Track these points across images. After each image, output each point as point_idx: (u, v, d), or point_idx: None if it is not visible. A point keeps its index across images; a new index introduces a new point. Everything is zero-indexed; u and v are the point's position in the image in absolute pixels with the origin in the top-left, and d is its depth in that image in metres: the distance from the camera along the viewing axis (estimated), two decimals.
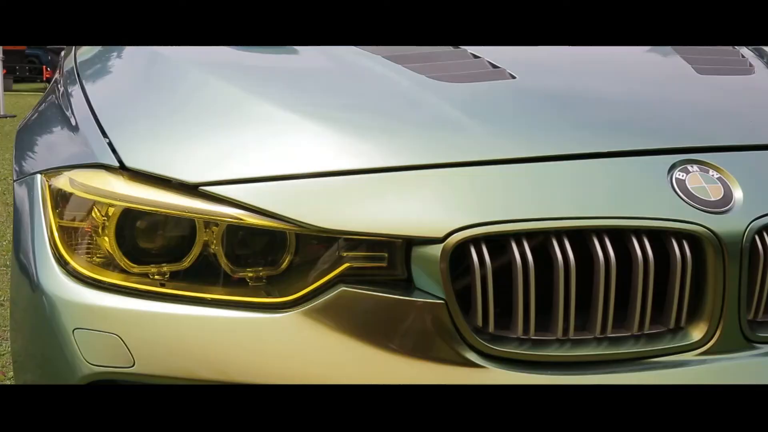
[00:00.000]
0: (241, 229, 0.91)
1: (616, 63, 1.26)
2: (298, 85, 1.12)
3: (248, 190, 0.89)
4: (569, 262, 0.85)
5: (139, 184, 0.93)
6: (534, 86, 1.08)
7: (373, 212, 0.87)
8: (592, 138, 0.95)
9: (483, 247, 0.85)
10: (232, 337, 0.88)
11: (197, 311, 0.89)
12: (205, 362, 0.88)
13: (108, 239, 0.93)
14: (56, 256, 0.96)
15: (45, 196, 1.02)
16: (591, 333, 0.89)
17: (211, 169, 0.92)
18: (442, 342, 0.86)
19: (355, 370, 0.87)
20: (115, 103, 1.16)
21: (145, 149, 0.98)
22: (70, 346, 0.91)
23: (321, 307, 0.87)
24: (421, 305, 0.86)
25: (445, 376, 0.86)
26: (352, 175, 0.90)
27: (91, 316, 0.90)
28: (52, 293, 0.93)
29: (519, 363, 0.87)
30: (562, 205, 0.87)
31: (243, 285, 0.92)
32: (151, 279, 0.93)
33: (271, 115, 1.00)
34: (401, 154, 0.92)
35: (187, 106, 1.08)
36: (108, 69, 1.36)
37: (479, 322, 0.87)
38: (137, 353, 0.88)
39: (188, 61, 1.22)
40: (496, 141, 0.93)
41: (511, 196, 0.88)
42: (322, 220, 0.87)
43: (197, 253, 0.92)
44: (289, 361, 0.87)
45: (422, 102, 1.02)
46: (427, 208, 0.87)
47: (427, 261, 0.86)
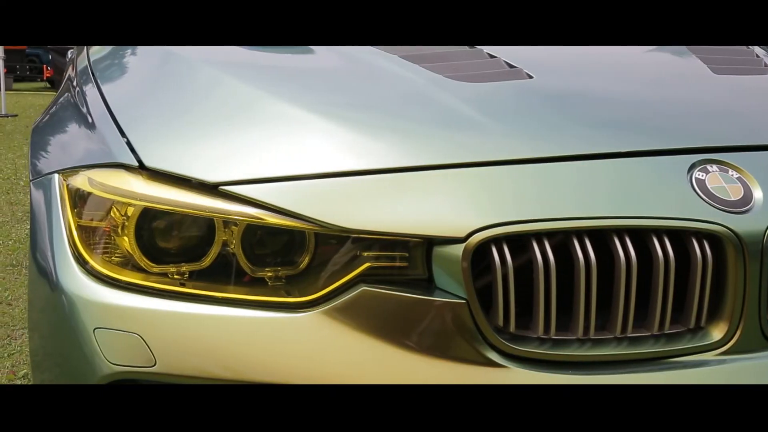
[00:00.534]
0: (260, 228, 0.91)
1: (633, 63, 1.26)
2: (316, 85, 1.12)
3: (268, 190, 0.89)
4: (590, 261, 0.85)
5: (158, 184, 0.93)
6: (552, 86, 1.08)
7: (394, 212, 0.87)
8: (611, 138, 0.95)
9: (504, 247, 0.85)
10: (253, 337, 0.88)
11: (218, 311, 0.89)
12: (226, 362, 0.88)
13: (128, 239, 0.93)
14: (75, 256, 0.96)
15: (63, 196, 1.01)
16: (611, 333, 0.89)
17: (230, 168, 0.92)
18: (463, 342, 0.86)
19: (376, 369, 0.87)
20: (131, 102, 1.16)
21: (164, 149, 0.98)
22: (90, 345, 0.90)
23: (342, 306, 0.87)
24: (443, 305, 0.85)
25: (467, 376, 0.86)
26: (373, 174, 0.90)
27: (112, 316, 0.90)
28: (72, 293, 0.93)
29: (540, 363, 0.87)
30: (583, 205, 0.87)
31: (262, 285, 0.92)
32: (170, 278, 0.93)
33: (289, 115, 1.00)
34: (421, 154, 0.92)
35: (204, 106, 1.08)
36: (123, 68, 1.36)
37: (500, 321, 0.87)
38: (158, 353, 0.88)
39: (203, 61, 1.22)
40: (517, 141, 0.93)
41: (531, 196, 0.88)
42: (343, 219, 0.87)
43: (216, 252, 0.92)
44: (310, 361, 0.87)
45: (441, 102, 1.02)
46: (448, 207, 0.87)
47: (448, 260, 0.86)
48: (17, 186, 4.35)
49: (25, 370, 1.87)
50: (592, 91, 1.08)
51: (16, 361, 1.92)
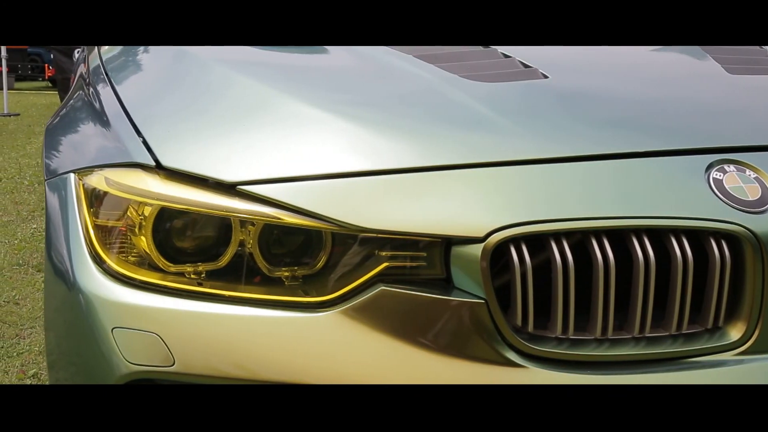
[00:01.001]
0: (277, 228, 0.91)
1: (647, 63, 1.26)
2: (332, 84, 1.12)
3: (287, 190, 0.89)
4: (609, 261, 0.85)
5: (175, 183, 0.93)
6: (567, 86, 1.08)
7: (412, 212, 0.87)
8: (628, 138, 0.95)
9: (523, 247, 0.85)
10: (272, 337, 0.88)
11: (236, 310, 0.89)
12: (244, 361, 0.88)
13: (145, 238, 0.93)
14: (92, 255, 0.96)
15: (79, 195, 1.02)
16: (629, 333, 0.89)
17: (248, 168, 0.92)
18: (482, 341, 0.86)
19: (394, 369, 0.87)
20: (146, 101, 1.16)
21: (180, 148, 0.98)
22: (108, 345, 0.90)
23: (360, 306, 0.87)
24: (462, 305, 0.86)
25: (486, 376, 0.86)
26: (391, 174, 0.90)
27: (131, 315, 0.90)
28: (89, 292, 0.93)
29: (558, 362, 0.87)
30: (601, 205, 0.87)
31: (279, 284, 0.92)
32: (187, 278, 0.93)
33: (306, 115, 1.00)
34: (439, 154, 0.92)
35: (219, 105, 1.08)
36: (136, 67, 1.36)
37: (518, 321, 0.87)
38: (177, 352, 0.88)
39: (217, 60, 1.22)
40: (534, 141, 0.93)
41: (549, 196, 0.88)
42: (361, 219, 0.87)
43: (233, 252, 0.92)
44: (328, 361, 0.87)
45: (457, 102, 1.02)
46: (466, 207, 0.87)
47: (466, 260, 0.86)
48: (21, 185, 4.36)
49: (35, 369, 1.87)
50: (608, 91, 1.08)
51: (26, 360, 1.93)
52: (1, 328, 2.14)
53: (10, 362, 1.91)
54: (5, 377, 1.83)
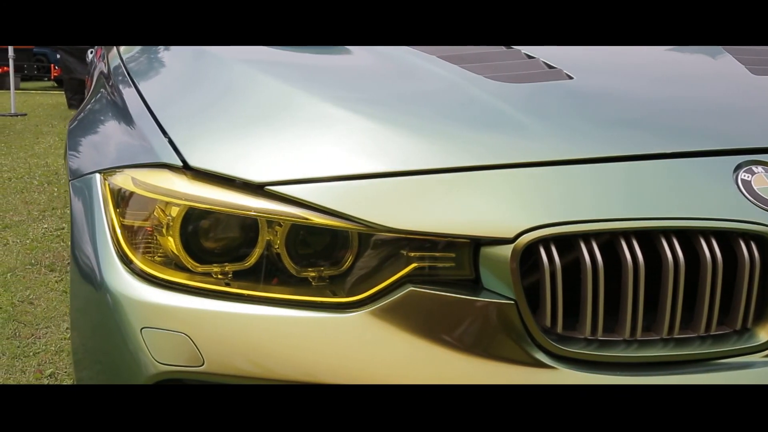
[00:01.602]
0: (304, 228, 0.91)
1: (669, 63, 1.26)
2: (357, 85, 1.12)
3: (315, 190, 0.89)
4: (638, 262, 0.85)
5: (202, 184, 0.93)
6: (593, 87, 1.08)
7: (441, 212, 0.87)
8: (656, 139, 0.94)
9: (552, 248, 0.85)
10: (301, 337, 0.88)
11: (265, 311, 0.89)
12: (273, 362, 0.88)
13: (172, 239, 0.93)
14: (120, 255, 0.96)
15: (105, 195, 1.02)
16: (657, 334, 0.89)
17: (275, 168, 0.92)
18: (511, 342, 0.86)
19: (423, 370, 0.87)
20: (170, 101, 1.16)
21: (207, 148, 0.98)
22: (137, 345, 0.91)
23: (389, 307, 0.87)
24: (491, 305, 0.86)
25: (515, 377, 0.86)
26: (419, 175, 0.90)
27: (160, 316, 0.90)
28: (117, 292, 0.93)
29: (587, 363, 0.87)
30: (631, 206, 0.87)
31: (307, 285, 0.92)
32: (214, 278, 0.93)
33: (332, 115, 1.00)
34: (467, 155, 0.92)
35: (244, 105, 1.08)
36: (158, 67, 1.36)
37: (548, 322, 0.87)
38: (206, 352, 0.88)
39: (239, 60, 1.22)
40: (562, 142, 0.93)
41: (578, 197, 0.88)
42: (390, 220, 0.87)
43: (260, 252, 0.92)
44: (357, 361, 0.87)
45: (484, 102, 1.02)
46: (495, 208, 0.87)
47: (495, 261, 0.86)
48: (31, 185, 4.36)
49: (52, 369, 1.88)
50: (634, 92, 1.08)
51: (42, 360, 1.93)
52: (17, 328, 2.15)
53: (27, 362, 1.92)
54: (22, 376, 1.83)
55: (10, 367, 1.88)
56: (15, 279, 2.60)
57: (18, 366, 1.89)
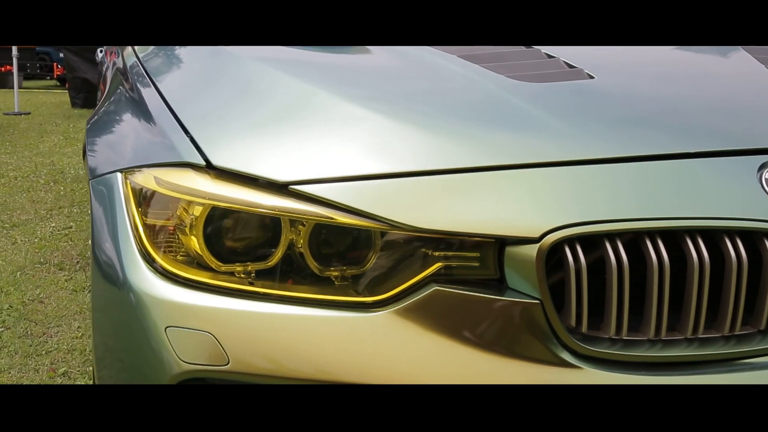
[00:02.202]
0: (327, 228, 0.91)
1: (689, 62, 1.26)
2: (379, 84, 1.12)
3: (339, 189, 0.89)
4: (663, 262, 0.85)
5: (225, 183, 0.93)
6: (615, 86, 1.08)
7: (466, 212, 0.87)
8: (681, 139, 0.94)
9: (577, 247, 0.85)
10: (326, 336, 0.88)
11: (289, 310, 0.89)
12: (298, 361, 0.88)
13: (195, 238, 0.93)
14: (143, 254, 0.96)
15: (127, 194, 1.02)
16: (681, 333, 0.89)
17: (299, 168, 0.92)
18: (536, 342, 0.86)
19: (448, 369, 0.87)
20: (190, 99, 1.16)
21: (230, 147, 0.98)
22: (162, 344, 0.91)
23: (413, 306, 0.87)
24: (516, 305, 0.86)
25: (541, 376, 0.86)
26: (444, 174, 0.90)
27: (184, 315, 0.90)
28: (141, 291, 0.93)
29: (611, 363, 0.87)
30: (655, 205, 0.87)
31: (330, 284, 0.92)
32: (237, 277, 0.93)
33: (355, 115, 1.00)
34: (492, 154, 0.92)
35: (265, 104, 1.08)
36: (176, 66, 1.36)
37: (573, 322, 0.87)
38: (231, 351, 0.88)
39: (258, 59, 1.22)
40: (586, 141, 0.93)
41: (603, 196, 0.88)
42: (415, 219, 0.87)
43: (283, 252, 0.92)
44: (382, 361, 0.87)
45: (506, 102, 1.02)
46: (520, 207, 0.87)
47: (521, 261, 0.86)
48: (37, 184, 4.37)
49: (65, 367, 1.88)
50: (656, 92, 1.07)
51: (55, 359, 1.93)
52: (29, 327, 2.15)
53: (40, 360, 1.92)
54: (36, 375, 1.83)
55: (24, 366, 1.88)
56: (25, 278, 2.60)
57: (31, 365, 1.89)
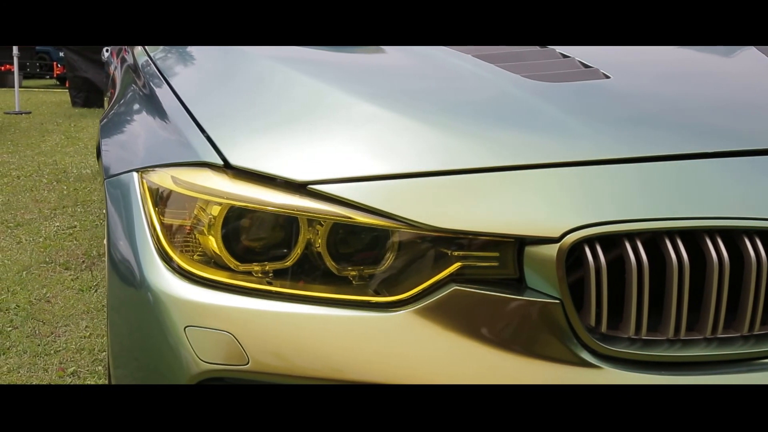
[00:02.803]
0: (345, 227, 0.91)
1: (706, 62, 1.26)
2: (396, 84, 1.12)
3: (358, 189, 0.89)
4: (683, 262, 0.85)
5: (243, 183, 0.93)
6: (632, 86, 1.08)
7: (485, 212, 0.87)
8: (701, 138, 0.94)
9: (597, 247, 0.85)
10: (346, 336, 0.88)
11: (309, 309, 0.89)
12: (318, 360, 0.88)
13: (213, 237, 0.93)
14: (161, 254, 0.96)
15: (144, 194, 1.02)
16: (701, 333, 0.89)
17: (318, 167, 0.92)
18: (556, 341, 0.86)
19: (468, 369, 0.87)
20: (205, 98, 1.16)
21: (247, 147, 0.98)
22: (181, 343, 0.91)
23: (433, 306, 0.87)
24: (536, 305, 0.86)
25: (561, 376, 0.86)
26: (463, 174, 0.90)
27: (204, 314, 0.90)
28: (159, 290, 0.93)
29: (631, 363, 0.87)
30: (675, 205, 0.87)
31: (347, 283, 0.92)
32: (255, 277, 0.93)
33: (372, 114, 1.00)
34: (510, 154, 0.92)
35: (282, 104, 1.08)
36: (191, 66, 1.36)
37: (592, 321, 0.87)
38: (251, 351, 0.88)
39: (272, 58, 1.22)
40: (605, 141, 0.93)
41: (623, 196, 0.88)
42: (435, 219, 0.87)
43: (301, 251, 0.92)
44: (402, 360, 0.87)
45: (524, 101, 1.02)
46: (539, 207, 0.87)
47: (540, 260, 0.86)
48: (40, 183, 4.36)
49: (74, 367, 1.88)
50: (673, 91, 1.08)
51: (63, 358, 1.93)
52: (36, 326, 2.14)
53: (48, 360, 1.92)
54: (45, 375, 1.83)
55: (32, 365, 1.88)
56: (30, 277, 2.60)
57: (40, 364, 1.89)
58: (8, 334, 2.08)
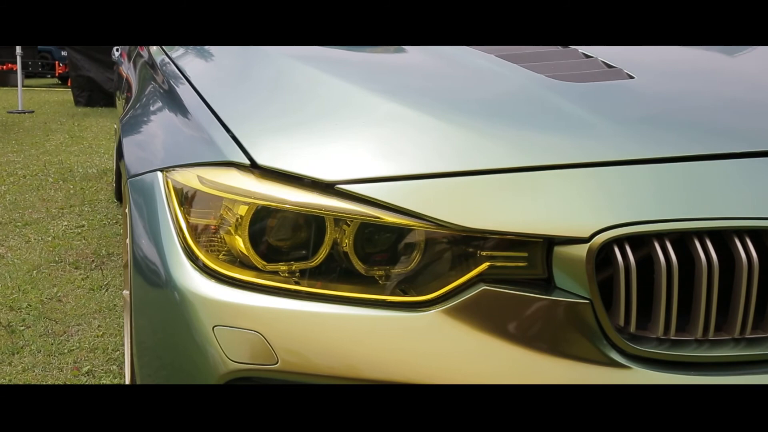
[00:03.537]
0: (372, 227, 0.91)
1: (728, 61, 1.26)
2: (421, 84, 1.12)
3: (387, 189, 0.89)
4: (712, 262, 0.85)
5: (270, 182, 0.93)
6: (656, 86, 1.08)
7: (514, 212, 0.87)
8: (727, 138, 0.94)
9: (626, 247, 0.86)
10: (375, 336, 0.88)
11: (338, 309, 0.89)
12: (347, 360, 0.88)
13: (241, 237, 0.93)
14: (188, 254, 0.96)
15: (169, 193, 1.02)
16: (729, 333, 0.89)
17: (346, 167, 0.92)
18: (585, 341, 0.86)
19: (497, 369, 0.87)
20: (229, 98, 1.15)
21: (273, 147, 0.98)
22: (209, 342, 0.91)
23: (462, 306, 0.87)
24: (566, 305, 0.86)
25: (590, 376, 0.86)
26: (492, 174, 0.90)
27: (233, 314, 0.90)
28: (187, 290, 0.93)
29: (659, 363, 0.87)
30: (704, 205, 0.87)
31: (374, 283, 0.92)
32: (281, 276, 0.93)
33: (397, 114, 1.00)
34: (539, 154, 0.92)
35: (307, 103, 1.08)
36: (212, 65, 1.36)
37: (621, 321, 0.87)
38: (280, 351, 0.88)
39: (294, 57, 1.22)
40: (633, 141, 0.93)
41: (652, 196, 0.88)
42: (463, 219, 0.87)
43: (327, 251, 0.92)
44: (430, 360, 0.87)
45: (549, 101, 1.02)
46: (568, 207, 0.87)
47: (570, 260, 0.86)
48: (46, 182, 4.36)
49: (88, 366, 1.88)
50: (698, 92, 1.08)
51: (78, 357, 1.93)
52: (49, 325, 2.14)
53: (63, 359, 1.92)
54: (60, 374, 1.83)
55: (47, 365, 1.88)
56: (41, 276, 2.60)
57: (54, 363, 1.89)
58: (21, 333, 2.08)
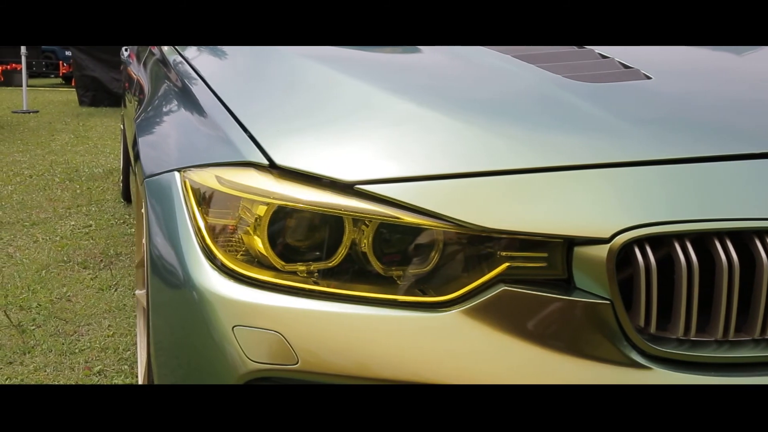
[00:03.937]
0: (391, 227, 0.91)
1: (745, 61, 1.26)
2: (439, 85, 1.12)
3: (406, 189, 0.89)
4: (733, 263, 0.85)
5: (289, 183, 0.94)
6: (673, 87, 1.08)
7: (534, 212, 0.87)
8: (748, 139, 0.94)
9: (647, 248, 0.85)
10: (395, 336, 0.88)
11: (357, 309, 0.89)
12: (367, 360, 0.88)
13: (259, 237, 0.94)
14: (207, 254, 0.96)
15: (187, 193, 1.02)
16: (749, 335, 0.89)
17: (365, 167, 0.92)
18: (606, 342, 0.86)
19: (517, 369, 0.87)
20: (245, 98, 1.15)
21: (291, 147, 0.98)
22: (228, 342, 0.91)
23: (481, 306, 0.87)
24: (586, 305, 0.86)
25: (611, 376, 0.86)
26: (511, 174, 0.90)
27: (252, 314, 0.90)
28: (206, 290, 0.93)
29: (680, 363, 0.87)
30: (724, 206, 0.87)
31: (392, 284, 0.92)
32: (300, 277, 0.93)
33: (415, 114, 1.00)
34: (558, 154, 0.92)
35: (322, 102, 1.08)
36: (227, 65, 1.36)
37: (642, 322, 0.87)
38: (300, 351, 0.88)
39: (310, 57, 1.22)
40: (652, 141, 0.93)
41: (672, 197, 0.88)
42: (483, 219, 0.87)
43: (346, 251, 0.92)
44: (451, 360, 0.87)
45: (567, 102, 1.02)
46: (588, 208, 0.87)
47: (590, 261, 0.86)
48: (53, 182, 4.37)
49: (100, 366, 1.88)
50: (716, 92, 1.07)
51: (89, 357, 1.93)
52: (59, 325, 2.15)
53: (74, 359, 1.92)
54: (72, 374, 1.83)
55: (59, 364, 1.88)
56: (50, 276, 2.60)
57: (66, 363, 1.89)
58: (32, 332, 2.08)
